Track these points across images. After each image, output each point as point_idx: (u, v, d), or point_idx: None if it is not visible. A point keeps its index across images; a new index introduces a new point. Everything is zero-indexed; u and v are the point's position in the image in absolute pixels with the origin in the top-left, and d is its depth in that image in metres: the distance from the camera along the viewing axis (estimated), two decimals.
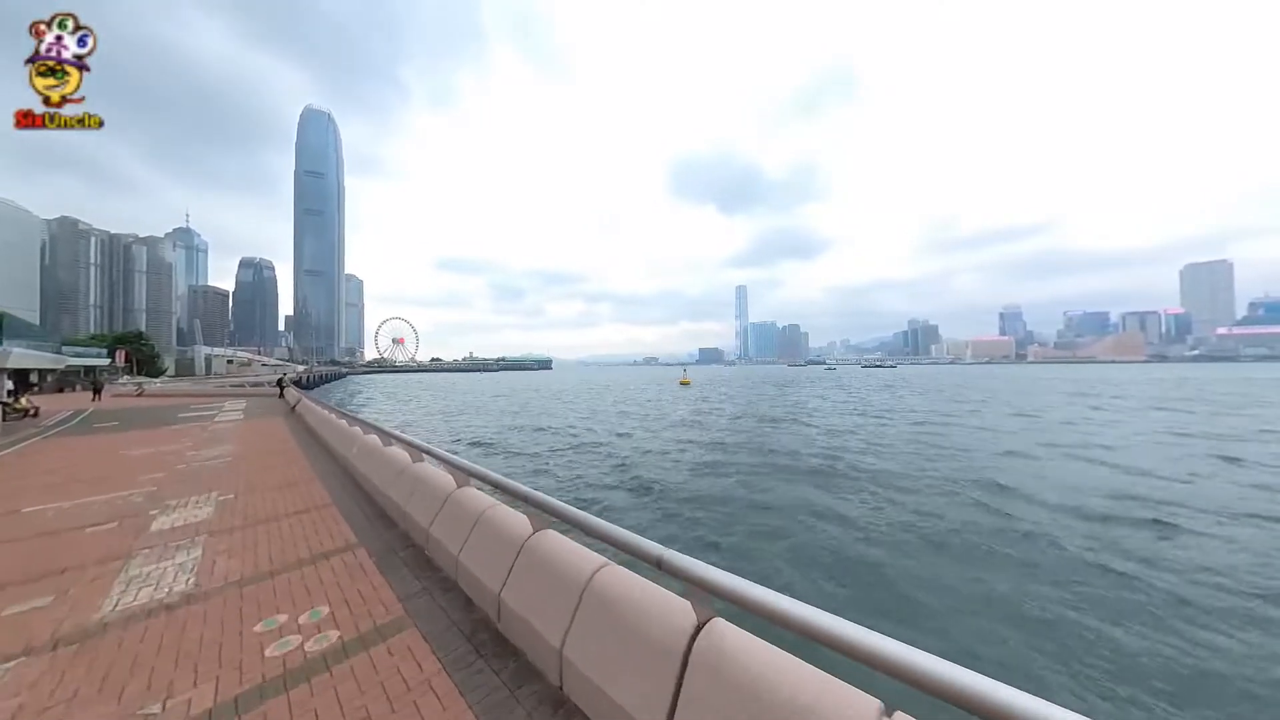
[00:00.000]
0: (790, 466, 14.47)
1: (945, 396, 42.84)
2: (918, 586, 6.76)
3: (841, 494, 11.44)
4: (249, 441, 10.94)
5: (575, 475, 13.77)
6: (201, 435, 12.25)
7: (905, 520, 9.48)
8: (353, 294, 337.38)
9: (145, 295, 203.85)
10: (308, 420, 13.42)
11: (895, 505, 10.52)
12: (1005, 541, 8.37)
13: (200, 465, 8.34)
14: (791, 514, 9.91)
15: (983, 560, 7.66)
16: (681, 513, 10.14)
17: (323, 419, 11.57)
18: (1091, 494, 11.16)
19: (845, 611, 1.69)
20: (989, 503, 10.52)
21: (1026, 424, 23.53)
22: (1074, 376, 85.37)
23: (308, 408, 14.53)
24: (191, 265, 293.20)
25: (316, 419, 12.29)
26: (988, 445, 17.63)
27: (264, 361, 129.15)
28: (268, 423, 14.44)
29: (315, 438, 11.09)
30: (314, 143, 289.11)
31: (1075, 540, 8.38)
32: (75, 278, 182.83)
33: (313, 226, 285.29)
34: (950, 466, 14.14)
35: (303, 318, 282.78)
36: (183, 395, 29.66)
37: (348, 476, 7.39)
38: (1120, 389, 47.92)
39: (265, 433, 12.44)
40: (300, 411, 15.52)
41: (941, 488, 11.82)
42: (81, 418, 17.07)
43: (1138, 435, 19.69)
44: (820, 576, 7.11)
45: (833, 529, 9.06)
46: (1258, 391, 42.83)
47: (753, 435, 20.97)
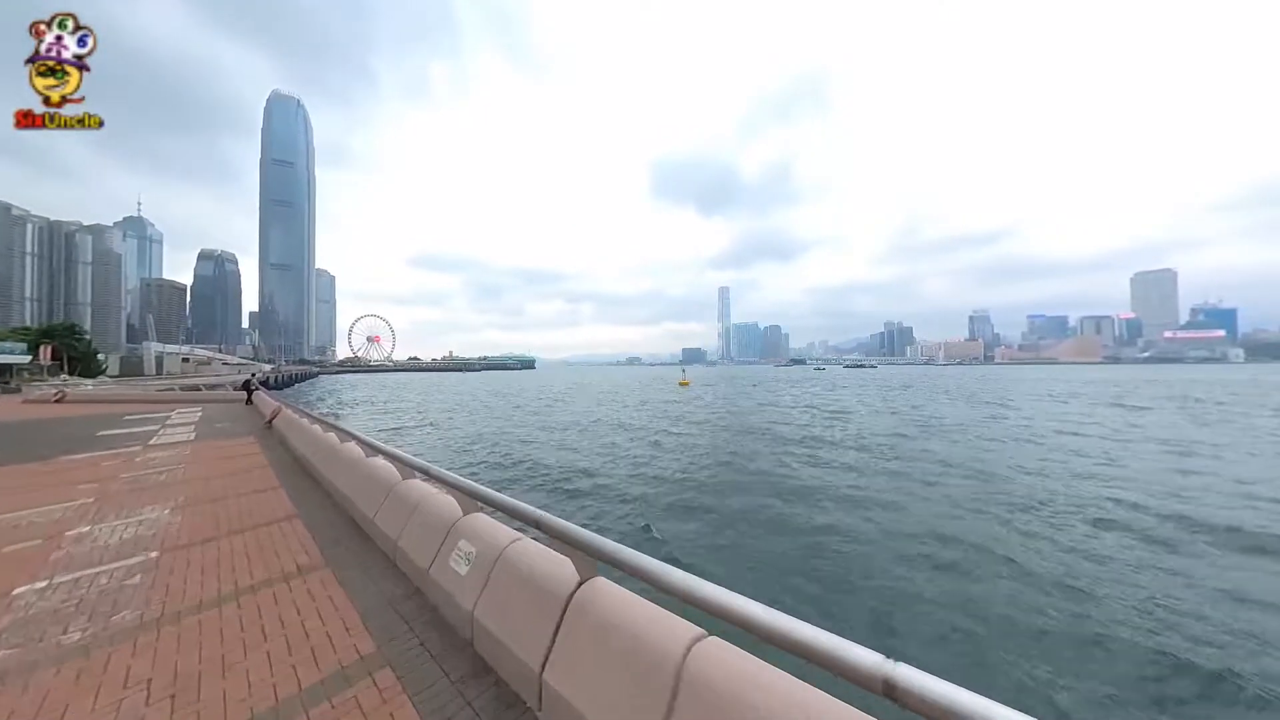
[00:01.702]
0: (1006, 492, 11.73)
1: (959, 397, 42.25)
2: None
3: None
4: (200, 490, 6.74)
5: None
6: (118, 478, 7.56)
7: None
8: (324, 290, 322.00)
9: (90, 288, 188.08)
10: (294, 445, 9.45)
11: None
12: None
13: (87, 574, 4.07)
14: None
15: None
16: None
17: (320, 444, 7.89)
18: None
19: None
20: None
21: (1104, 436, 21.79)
22: (1049, 377, 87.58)
23: (291, 423, 10.90)
24: (144, 257, 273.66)
25: (309, 443, 8.58)
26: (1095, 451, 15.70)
27: (225, 360, 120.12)
28: (231, 445, 10.38)
29: (313, 480, 7.25)
30: (282, 130, 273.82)
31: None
32: (9, 268, 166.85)
33: (280, 218, 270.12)
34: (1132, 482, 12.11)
35: (269, 314, 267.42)
36: (118, 401, 23.39)
37: (420, 597, 3.60)
38: (1147, 390, 48.10)
39: (228, 468, 8.10)
40: (280, 428, 11.73)
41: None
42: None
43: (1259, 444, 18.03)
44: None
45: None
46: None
47: (884, 445, 18.44)
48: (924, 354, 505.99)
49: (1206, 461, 15.19)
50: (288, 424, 11.17)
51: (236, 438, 11.53)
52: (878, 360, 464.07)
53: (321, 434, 8.23)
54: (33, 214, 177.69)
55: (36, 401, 23.44)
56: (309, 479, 7.31)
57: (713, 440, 20.34)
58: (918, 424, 25.00)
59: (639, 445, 19.21)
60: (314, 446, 8.12)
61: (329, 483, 6.59)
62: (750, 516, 10.00)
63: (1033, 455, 16.49)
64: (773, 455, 16.74)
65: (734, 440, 20.34)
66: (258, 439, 11.09)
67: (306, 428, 9.26)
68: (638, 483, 12.99)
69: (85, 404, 22.31)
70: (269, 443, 10.47)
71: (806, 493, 11.76)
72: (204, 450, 9.87)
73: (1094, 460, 15.63)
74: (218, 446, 10.34)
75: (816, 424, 25.41)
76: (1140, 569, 7.50)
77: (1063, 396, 42.47)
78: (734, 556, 8.17)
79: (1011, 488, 12.22)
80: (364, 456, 5.94)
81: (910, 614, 6.19)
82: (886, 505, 10.77)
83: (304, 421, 9.79)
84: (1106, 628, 5.80)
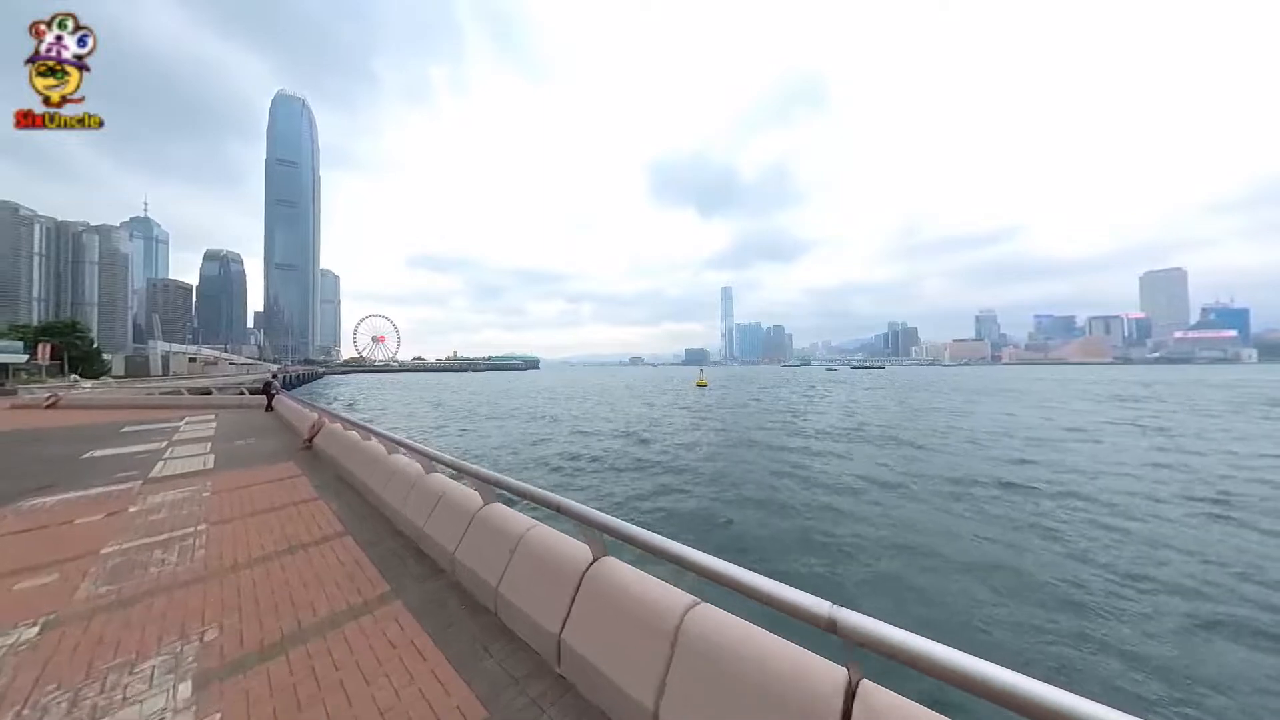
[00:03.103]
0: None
1: (1004, 398, 39.11)
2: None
3: None
4: (242, 593, 3.82)
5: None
6: (98, 557, 4.50)
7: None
8: (328, 290, 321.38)
9: (97, 288, 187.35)
10: (355, 476, 6.93)
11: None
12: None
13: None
14: None
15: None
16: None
17: (394, 472, 5.73)
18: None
19: None
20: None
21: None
22: (1068, 378, 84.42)
23: (338, 442, 8.51)
24: (150, 257, 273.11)
25: (377, 474, 6.15)
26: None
27: (232, 360, 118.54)
28: (266, 481, 7.43)
29: (405, 540, 4.88)
30: (287, 130, 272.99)
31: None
32: (15, 268, 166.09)
33: (285, 218, 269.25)
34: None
35: (274, 314, 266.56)
36: (118, 407, 20.57)
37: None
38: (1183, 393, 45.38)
39: (275, 531, 5.18)
40: (324, 448, 9.17)
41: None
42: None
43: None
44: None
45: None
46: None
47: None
48: (929, 354, 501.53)
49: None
50: (333, 441, 8.92)
51: (268, 463, 8.96)
52: (884, 361, 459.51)
53: (386, 455, 6.45)
54: (40, 214, 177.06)
55: (26, 407, 20.45)
56: (398, 537, 5.01)
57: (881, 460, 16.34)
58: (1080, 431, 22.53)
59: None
60: (377, 472, 6.28)
61: (441, 550, 4.22)
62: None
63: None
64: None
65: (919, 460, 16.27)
66: (299, 466, 8.59)
67: (367, 448, 7.19)
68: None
69: (80, 410, 19.49)
70: (318, 475, 7.95)
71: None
72: (229, 490, 6.98)
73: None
74: (248, 483, 7.40)
75: (967, 433, 21.59)
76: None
77: (1132, 400, 39.55)
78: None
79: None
80: (481, 503, 4.20)
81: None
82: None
83: (360, 438, 7.70)
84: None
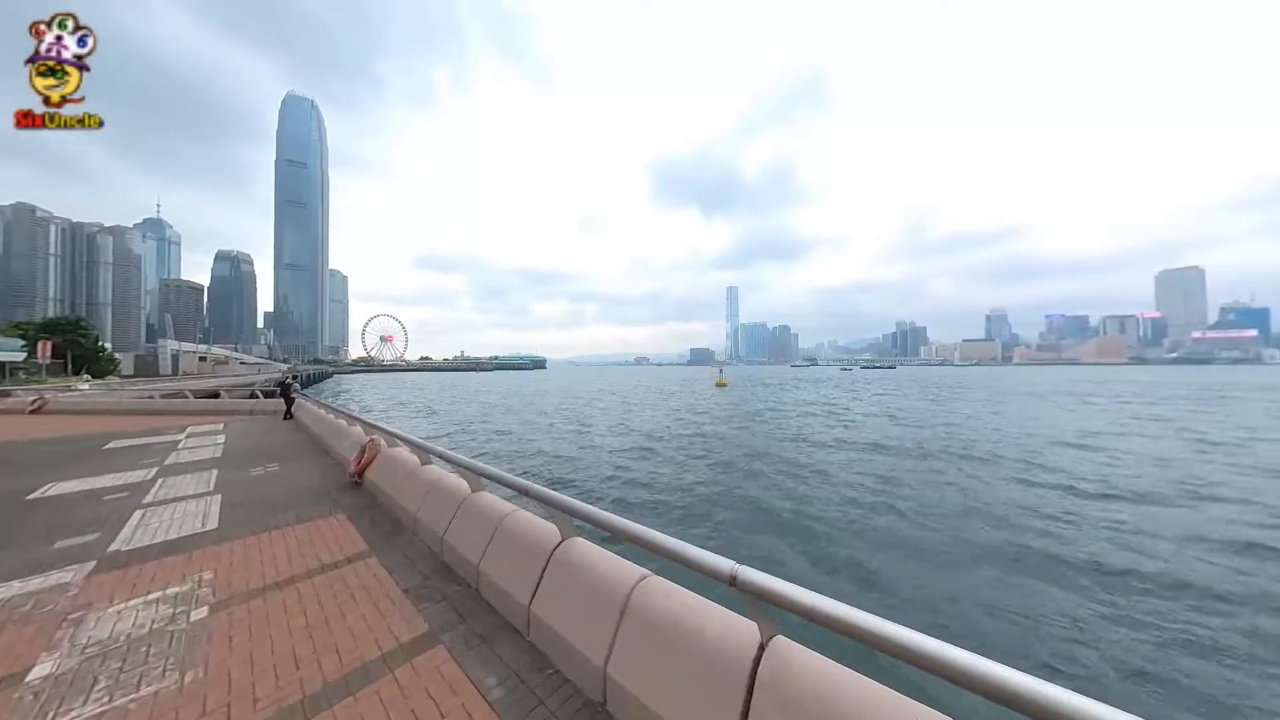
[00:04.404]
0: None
1: (1064, 399, 36.92)
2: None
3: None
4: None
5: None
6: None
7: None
8: (336, 290, 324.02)
9: (111, 288, 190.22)
10: (445, 542, 4.24)
11: None
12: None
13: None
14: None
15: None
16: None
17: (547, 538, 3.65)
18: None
19: None
20: None
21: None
22: (1105, 379, 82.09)
23: (408, 477, 5.51)
24: (163, 258, 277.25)
25: (508, 555, 3.65)
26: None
27: (243, 360, 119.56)
28: (319, 574, 3.97)
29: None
30: (296, 131, 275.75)
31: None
32: (32, 268, 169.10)
33: (294, 218, 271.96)
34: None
35: (284, 314, 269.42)
36: (111, 413, 17.94)
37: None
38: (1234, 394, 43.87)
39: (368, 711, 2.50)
40: (382, 485, 6.07)
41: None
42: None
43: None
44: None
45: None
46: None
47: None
48: (938, 355, 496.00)
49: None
50: (396, 473, 5.90)
51: (304, 513, 5.53)
52: (894, 361, 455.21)
53: (500, 514, 3.96)
54: (56, 216, 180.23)
55: (5, 412, 18.39)
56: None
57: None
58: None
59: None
60: (508, 548, 3.68)
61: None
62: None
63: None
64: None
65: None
66: (359, 525, 5.17)
67: (467, 496, 4.42)
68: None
69: (67, 417, 17.25)
70: (395, 545, 4.62)
71: None
72: (244, 598, 3.63)
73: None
74: (278, 577, 3.97)
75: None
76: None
77: (1209, 401, 36.08)
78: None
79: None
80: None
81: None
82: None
83: (442, 473, 5.21)
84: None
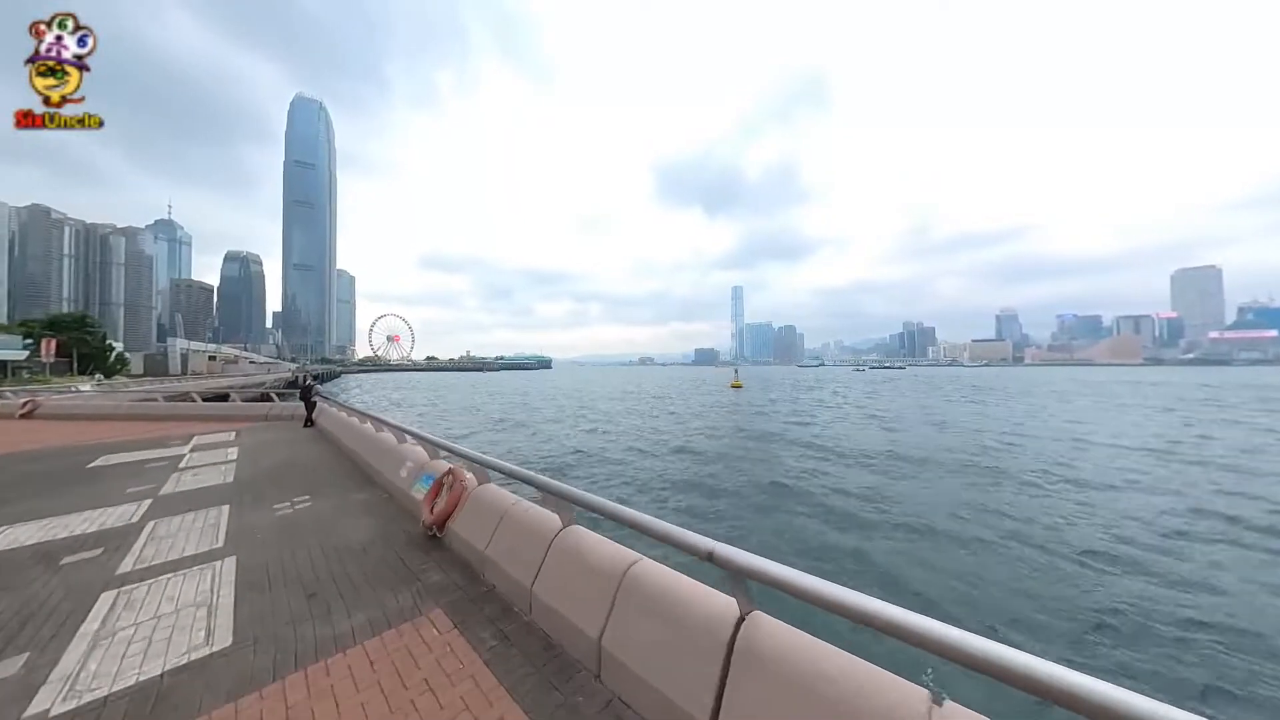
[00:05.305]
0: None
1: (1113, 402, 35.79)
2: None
3: None
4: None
5: None
6: None
7: None
8: (344, 290, 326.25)
9: (123, 289, 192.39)
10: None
11: None
12: None
13: None
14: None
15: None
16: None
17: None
18: None
19: None
20: None
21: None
22: (1138, 379, 79.61)
23: (492, 508, 4.27)
24: (174, 258, 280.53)
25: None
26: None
27: (252, 359, 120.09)
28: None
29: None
30: (304, 132, 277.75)
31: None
32: (47, 269, 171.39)
33: (302, 219, 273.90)
34: None
35: (292, 314, 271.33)
36: (110, 418, 16.01)
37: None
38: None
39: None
40: (470, 539, 4.22)
41: None
42: None
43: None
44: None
45: None
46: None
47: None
48: (947, 355, 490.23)
49: None
50: (486, 513, 4.27)
51: (378, 615, 3.42)
52: (903, 361, 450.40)
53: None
54: (70, 217, 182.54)
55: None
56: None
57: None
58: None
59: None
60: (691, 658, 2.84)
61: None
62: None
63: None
64: None
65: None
66: (457, 626, 3.24)
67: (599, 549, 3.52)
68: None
69: (59, 423, 15.49)
70: (531, 671, 2.81)
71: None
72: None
73: None
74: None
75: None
76: None
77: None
78: None
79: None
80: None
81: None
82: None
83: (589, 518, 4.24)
84: None
